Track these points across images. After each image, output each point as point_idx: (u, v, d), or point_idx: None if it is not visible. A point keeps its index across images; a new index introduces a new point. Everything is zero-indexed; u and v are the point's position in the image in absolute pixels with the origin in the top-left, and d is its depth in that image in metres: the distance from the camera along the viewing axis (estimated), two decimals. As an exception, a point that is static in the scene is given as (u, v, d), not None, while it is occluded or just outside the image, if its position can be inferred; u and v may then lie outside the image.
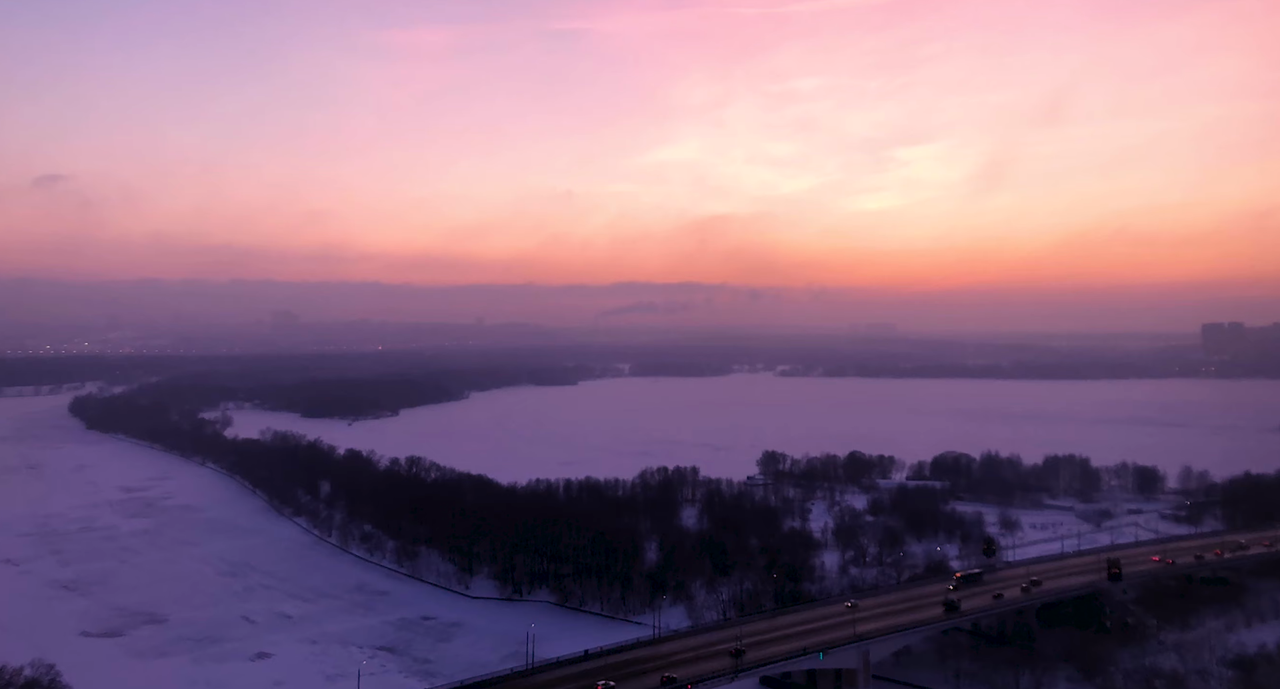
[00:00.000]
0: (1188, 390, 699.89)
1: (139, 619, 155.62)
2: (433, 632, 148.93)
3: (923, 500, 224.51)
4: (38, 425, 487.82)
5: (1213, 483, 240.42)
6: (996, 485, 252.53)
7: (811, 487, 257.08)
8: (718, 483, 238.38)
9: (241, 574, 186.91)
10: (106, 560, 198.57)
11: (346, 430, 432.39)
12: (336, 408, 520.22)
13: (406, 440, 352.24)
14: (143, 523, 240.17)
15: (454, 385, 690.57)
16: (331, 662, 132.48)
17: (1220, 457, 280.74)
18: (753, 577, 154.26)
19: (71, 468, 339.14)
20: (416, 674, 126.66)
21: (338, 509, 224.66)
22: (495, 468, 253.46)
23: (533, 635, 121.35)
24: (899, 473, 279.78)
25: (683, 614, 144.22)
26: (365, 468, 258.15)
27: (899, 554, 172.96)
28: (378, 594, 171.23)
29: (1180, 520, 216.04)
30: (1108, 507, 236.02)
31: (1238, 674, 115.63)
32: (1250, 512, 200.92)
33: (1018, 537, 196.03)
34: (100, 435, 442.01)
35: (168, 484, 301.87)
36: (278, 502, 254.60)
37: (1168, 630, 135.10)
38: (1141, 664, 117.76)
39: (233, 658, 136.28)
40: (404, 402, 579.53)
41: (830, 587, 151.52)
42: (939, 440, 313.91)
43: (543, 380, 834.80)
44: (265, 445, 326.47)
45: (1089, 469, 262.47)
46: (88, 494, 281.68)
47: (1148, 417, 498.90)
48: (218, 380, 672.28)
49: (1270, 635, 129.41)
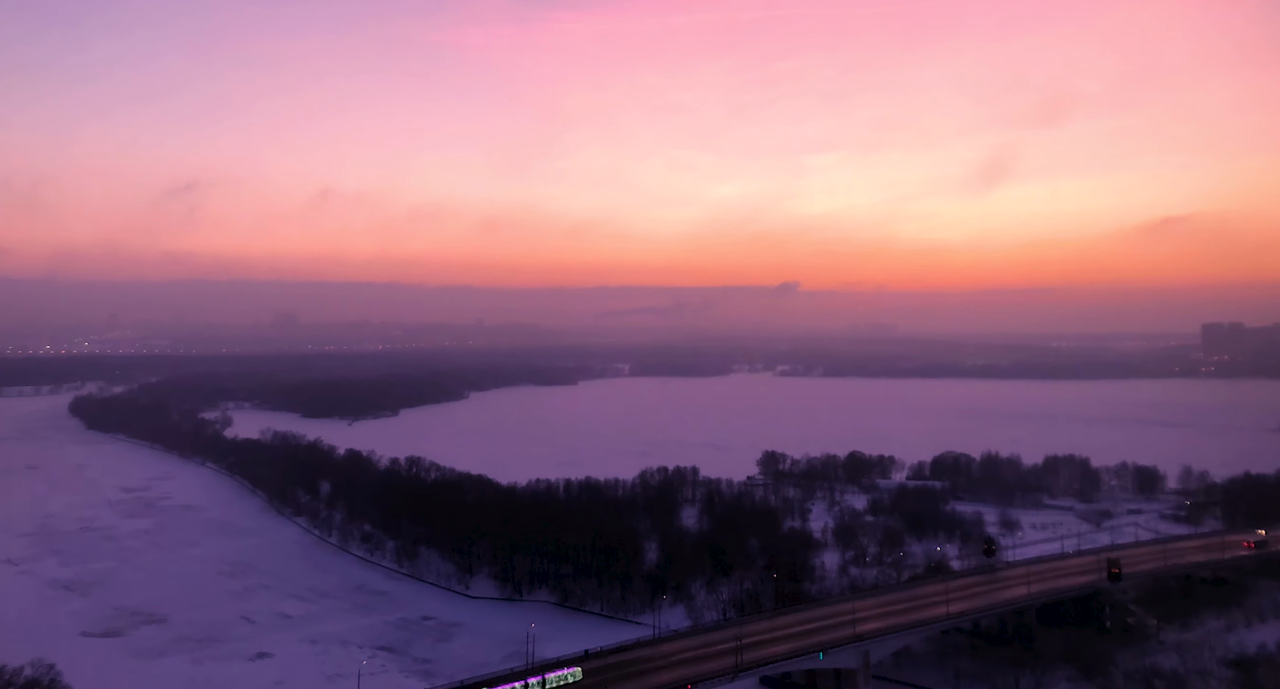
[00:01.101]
0: (1188, 390, 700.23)
1: (139, 619, 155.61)
2: (433, 632, 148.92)
3: (923, 500, 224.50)
4: (38, 425, 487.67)
5: (1213, 483, 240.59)
6: (996, 485, 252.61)
7: (811, 487, 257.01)
8: (718, 483, 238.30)
9: (241, 574, 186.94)
10: (106, 560, 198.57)
11: (346, 430, 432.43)
12: (336, 408, 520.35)
13: (406, 440, 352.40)
14: (143, 523, 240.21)
15: (454, 385, 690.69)
16: (331, 662, 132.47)
17: (1220, 457, 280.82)
18: (753, 577, 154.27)
19: (71, 468, 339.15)
20: (416, 674, 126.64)
21: (338, 509, 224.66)
22: (495, 468, 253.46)
23: (533, 635, 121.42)
24: (899, 473, 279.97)
25: (683, 614, 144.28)
26: (365, 468, 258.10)
27: (899, 554, 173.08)
28: (378, 594, 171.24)
29: (1180, 520, 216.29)
30: (1108, 507, 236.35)
31: (1238, 674, 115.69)
32: (1250, 512, 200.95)
33: (1018, 537, 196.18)
34: (100, 435, 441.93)
35: (168, 484, 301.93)
36: (278, 502, 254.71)
37: (1168, 630, 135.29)
38: (1141, 664, 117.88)
39: (233, 658, 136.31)
40: (404, 402, 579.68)
41: (830, 587, 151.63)
42: (939, 440, 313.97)
43: (543, 380, 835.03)
44: (265, 445, 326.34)
45: (1089, 469, 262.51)
46: (88, 494, 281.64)
47: (1148, 417, 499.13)
48: (218, 380, 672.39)
49: (1270, 635, 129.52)
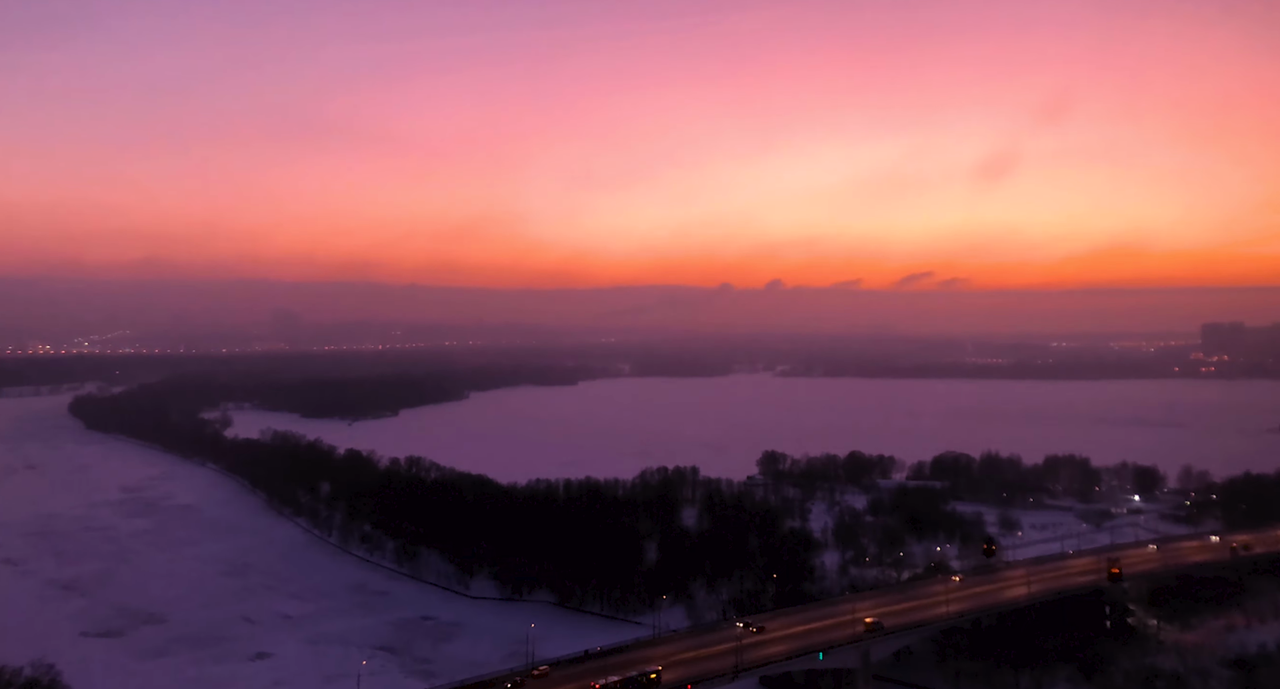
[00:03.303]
0: (1188, 390, 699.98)
1: (139, 619, 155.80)
2: (433, 632, 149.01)
3: (923, 500, 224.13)
4: (38, 425, 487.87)
5: (1213, 483, 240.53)
6: (996, 485, 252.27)
7: (811, 487, 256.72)
8: (718, 483, 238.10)
9: (241, 574, 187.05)
10: (106, 560, 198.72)
11: (347, 430, 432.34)
12: (336, 408, 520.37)
13: (406, 440, 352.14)
14: (143, 523, 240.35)
15: (454, 385, 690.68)
16: (331, 662, 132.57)
17: (1220, 457, 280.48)
18: (753, 577, 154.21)
19: (72, 468, 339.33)
20: (416, 674, 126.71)
21: (338, 509, 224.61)
22: (495, 468, 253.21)
23: (533, 635, 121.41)
24: (899, 473, 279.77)
25: (683, 614, 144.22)
26: (365, 468, 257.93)
27: (899, 554, 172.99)
28: (378, 594, 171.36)
29: (1180, 520, 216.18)
30: (1108, 507, 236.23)
31: (1238, 674, 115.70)
32: (1250, 512, 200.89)
33: (1018, 537, 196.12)
34: (100, 435, 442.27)
35: (168, 484, 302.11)
36: (278, 502, 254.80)
37: (1168, 630, 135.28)
38: (1141, 664, 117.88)
39: (233, 658, 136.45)
40: (404, 402, 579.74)
41: (830, 587, 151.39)
42: (939, 440, 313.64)
43: (543, 380, 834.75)
44: (265, 445, 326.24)
45: (1089, 469, 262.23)
46: (88, 494, 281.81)
47: (1148, 417, 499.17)
48: (218, 380, 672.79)
49: (1270, 635, 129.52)
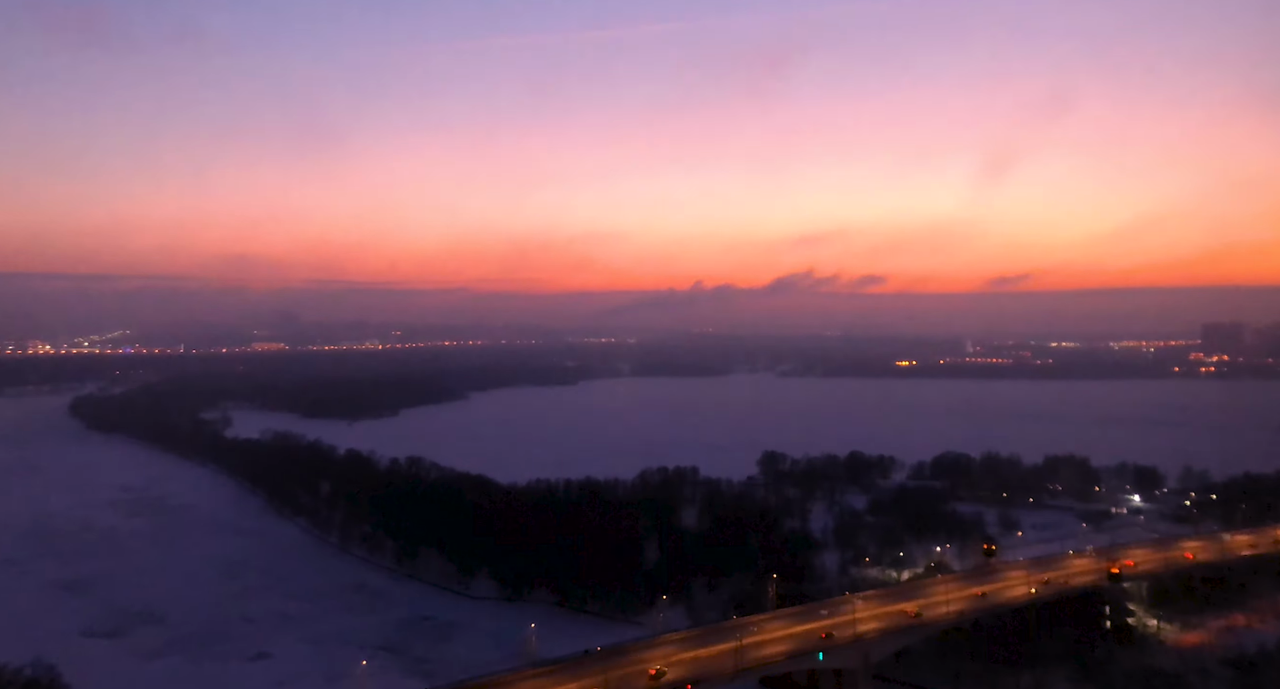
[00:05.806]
0: (1188, 390, 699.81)
1: (139, 619, 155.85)
2: (433, 632, 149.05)
3: (923, 501, 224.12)
4: (38, 425, 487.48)
5: (1213, 483, 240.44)
6: (996, 485, 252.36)
7: (811, 487, 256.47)
8: (718, 483, 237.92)
9: (241, 574, 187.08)
10: (106, 560, 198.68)
11: (347, 430, 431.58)
12: (337, 408, 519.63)
13: (406, 440, 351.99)
14: (143, 523, 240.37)
15: (454, 385, 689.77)
16: (331, 662, 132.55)
17: (1220, 457, 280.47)
18: (753, 576, 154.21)
19: (72, 468, 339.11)
20: (416, 674, 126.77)
21: (338, 509, 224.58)
22: (495, 468, 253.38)
23: (533, 635, 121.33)
24: (899, 473, 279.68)
25: (683, 614, 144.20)
26: (365, 468, 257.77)
27: (899, 554, 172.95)
28: (378, 594, 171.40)
29: (1180, 520, 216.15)
30: (1108, 506, 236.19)
31: (1237, 674, 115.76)
32: (1250, 512, 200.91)
33: (1018, 537, 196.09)
34: (100, 436, 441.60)
35: (168, 484, 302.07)
36: (278, 502, 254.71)
37: (1168, 630, 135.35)
38: (1141, 664, 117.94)
39: (233, 658, 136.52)
40: (404, 402, 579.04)
41: (830, 587, 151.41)
42: (939, 440, 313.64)
43: (543, 380, 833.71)
44: (265, 445, 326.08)
45: (1089, 469, 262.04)
46: (88, 494, 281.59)
47: (1147, 416, 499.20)
48: (218, 380, 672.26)
49: (1270, 635, 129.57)
